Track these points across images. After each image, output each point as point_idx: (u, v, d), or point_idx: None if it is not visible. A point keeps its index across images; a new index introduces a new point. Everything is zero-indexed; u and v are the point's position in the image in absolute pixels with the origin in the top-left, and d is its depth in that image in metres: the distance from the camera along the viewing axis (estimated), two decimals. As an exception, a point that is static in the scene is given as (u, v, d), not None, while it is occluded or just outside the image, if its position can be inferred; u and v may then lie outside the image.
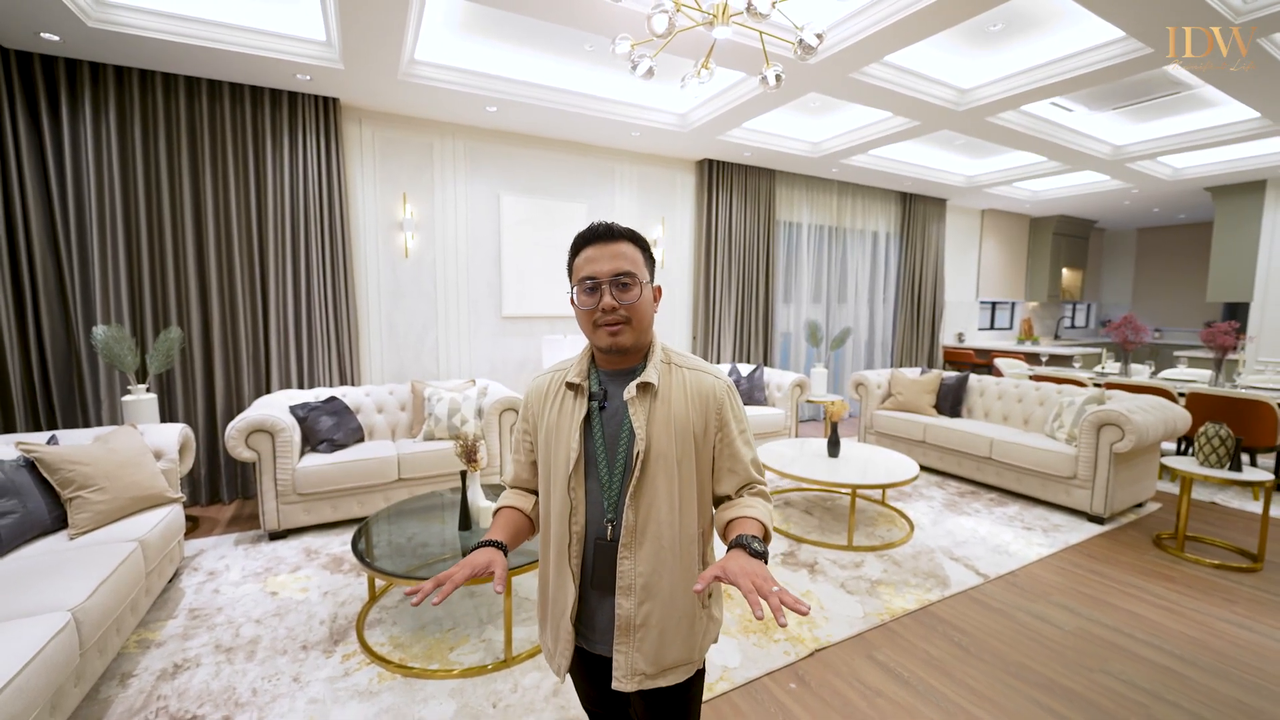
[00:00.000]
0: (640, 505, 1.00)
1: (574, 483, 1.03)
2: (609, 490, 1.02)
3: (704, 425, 1.04)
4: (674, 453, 1.01)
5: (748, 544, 0.89)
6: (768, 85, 2.63)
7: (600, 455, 1.03)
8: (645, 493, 1.00)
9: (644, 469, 1.00)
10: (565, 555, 1.04)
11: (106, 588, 1.95)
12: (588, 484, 1.04)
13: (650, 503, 1.01)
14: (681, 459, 1.02)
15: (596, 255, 1.00)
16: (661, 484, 1.01)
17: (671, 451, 1.01)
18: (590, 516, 1.04)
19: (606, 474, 1.02)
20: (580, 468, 1.03)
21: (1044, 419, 4.34)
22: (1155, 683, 2.12)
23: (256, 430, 3.16)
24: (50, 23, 2.94)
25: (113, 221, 3.51)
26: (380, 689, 2.03)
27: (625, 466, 1.01)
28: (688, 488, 1.03)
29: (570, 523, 1.04)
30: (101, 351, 3.23)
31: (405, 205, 4.47)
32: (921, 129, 4.77)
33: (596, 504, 1.03)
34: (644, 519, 1.01)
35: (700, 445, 1.04)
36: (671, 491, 1.01)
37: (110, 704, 1.95)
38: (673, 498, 1.01)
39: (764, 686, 2.09)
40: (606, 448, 1.03)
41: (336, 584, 2.79)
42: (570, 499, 1.03)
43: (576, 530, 1.04)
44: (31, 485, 2.24)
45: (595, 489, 1.03)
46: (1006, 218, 8.70)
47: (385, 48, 3.28)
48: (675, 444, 1.01)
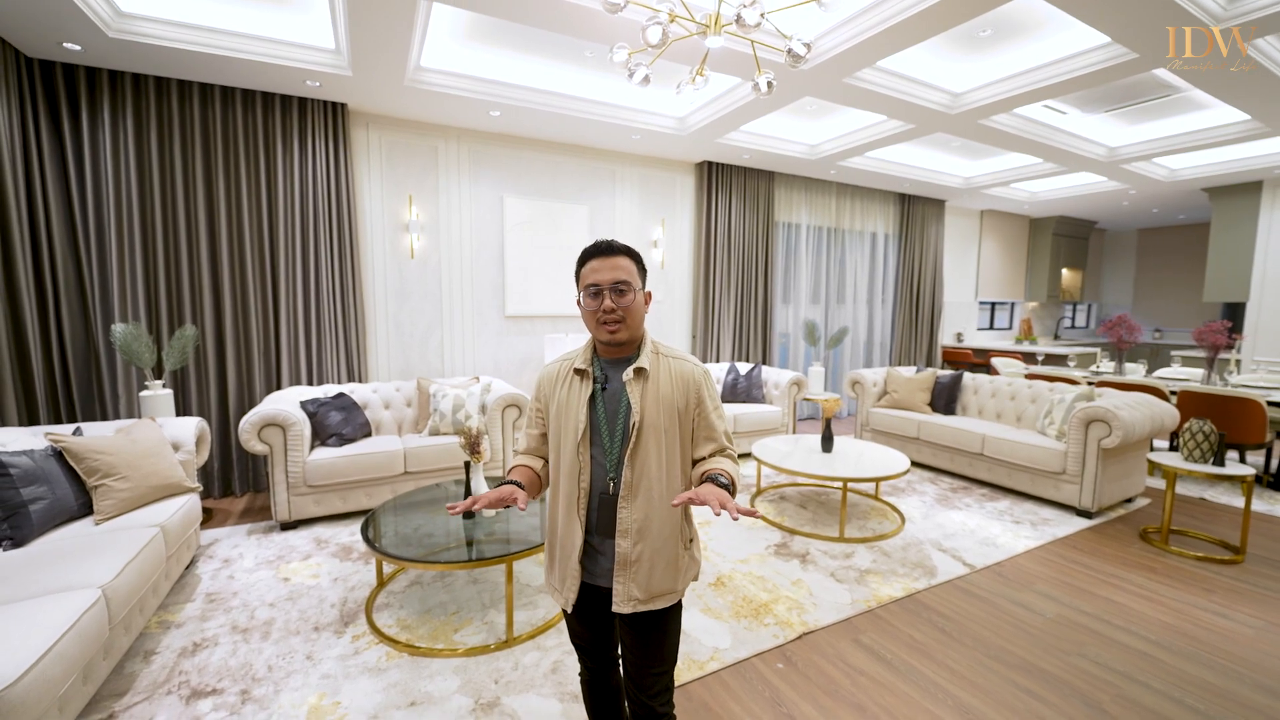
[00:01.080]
0: (635, 465, 1.25)
1: (582, 448, 1.27)
2: (610, 454, 1.27)
3: (685, 402, 1.30)
4: (662, 424, 1.26)
5: (715, 478, 1.18)
6: (760, 92, 2.73)
7: (603, 426, 1.28)
8: (639, 455, 1.25)
9: (638, 437, 1.25)
10: (574, 507, 1.28)
11: (132, 568, 2.07)
12: (592, 450, 1.29)
13: (643, 463, 1.25)
14: (668, 429, 1.27)
15: (599, 267, 1.26)
16: (652, 449, 1.25)
17: (660, 423, 1.26)
18: (595, 475, 1.29)
19: (609, 441, 1.27)
20: (586, 436, 1.28)
21: (1036, 416, 4.43)
22: (1129, 665, 2.22)
23: (269, 424, 3.28)
24: (73, 33, 3.07)
25: (130, 224, 3.65)
26: (388, 666, 2.15)
27: (623, 435, 1.26)
28: (673, 452, 1.28)
29: (579, 480, 1.28)
30: (120, 348, 3.36)
31: (411, 207, 4.59)
32: (916, 132, 4.86)
33: (600, 465, 1.28)
34: (638, 476, 1.25)
35: (682, 418, 1.30)
36: (660, 455, 1.26)
37: (135, 678, 2.07)
38: (660, 460, 1.26)
39: (753, 666, 2.19)
40: (608, 420, 1.28)
41: (346, 571, 2.91)
42: (579, 461, 1.27)
43: (584, 486, 1.28)
44: (59, 473, 2.37)
45: (599, 454, 1.28)
46: (1006, 218, 8.76)
47: (392, 55, 3.41)
48: (663, 416, 1.26)
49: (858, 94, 4.02)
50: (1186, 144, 5.21)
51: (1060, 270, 9.12)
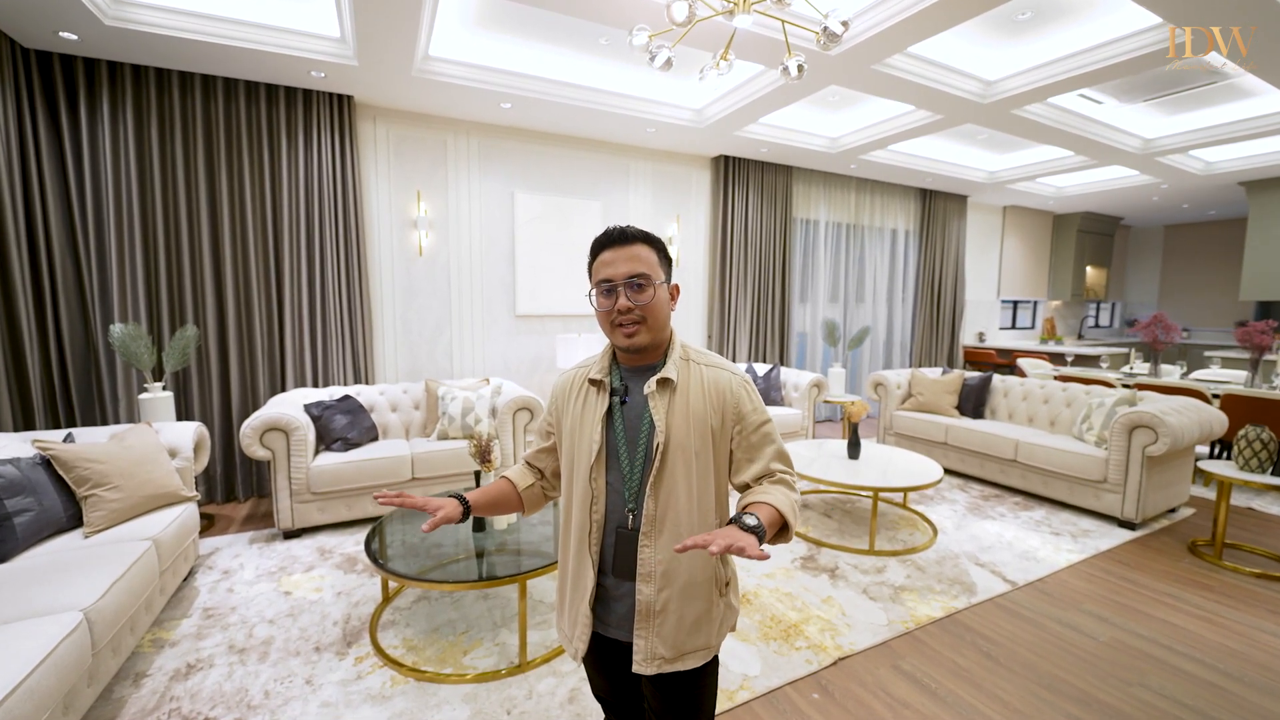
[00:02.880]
0: (660, 495, 1.04)
1: (595, 473, 1.07)
2: (630, 481, 1.06)
3: (721, 419, 1.08)
4: (692, 444, 1.05)
5: (739, 519, 0.93)
6: (789, 76, 2.55)
7: (621, 447, 1.07)
8: (665, 483, 1.04)
9: (663, 460, 1.04)
10: (586, 542, 1.09)
11: (120, 587, 1.93)
12: (609, 475, 1.08)
13: (669, 492, 1.04)
14: (699, 451, 1.06)
15: (613, 258, 1.05)
16: (680, 475, 1.04)
17: (690, 443, 1.05)
18: (611, 505, 1.08)
19: (628, 465, 1.07)
20: (602, 459, 1.08)
21: (1071, 421, 4.21)
22: (1198, 698, 2.02)
23: (271, 429, 3.15)
24: (69, 21, 2.94)
25: (130, 220, 3.52)
26: (393, 693, 2.00)
27: (645, 458, 1.06)
28: (705, 479, 1.07)
29: (591, 511, 1.08)
30: (119, 350, 3.23)
31: (419, 203, 4.45)
32: (944, 123, 4.65)
33: (617, 494, 1.08)
34: (663, 508, 1.04)
35: (718, 438, 1.08)
36: (690, 482, 1.05)
37: (124, 704, 1.93)
38: (690, 488, 1.05)
39: (786, 696, 2.02)
40: (627, 440, 1.07)
41: (350, 584, 2.77)
42: (592, 488, 1.07)
43: (597, 519, 1.08)
44: (48, 483, 2.23)
45: (616, 480, 1.08)
46: (1029, 214, 8.50)
47: (399, 43, 3.26)
48: (693, 436, 1.05)
49: (886, 82, 3.82)
50: (1228, 135, 4.97)
51: (1085, 268, 8.84)
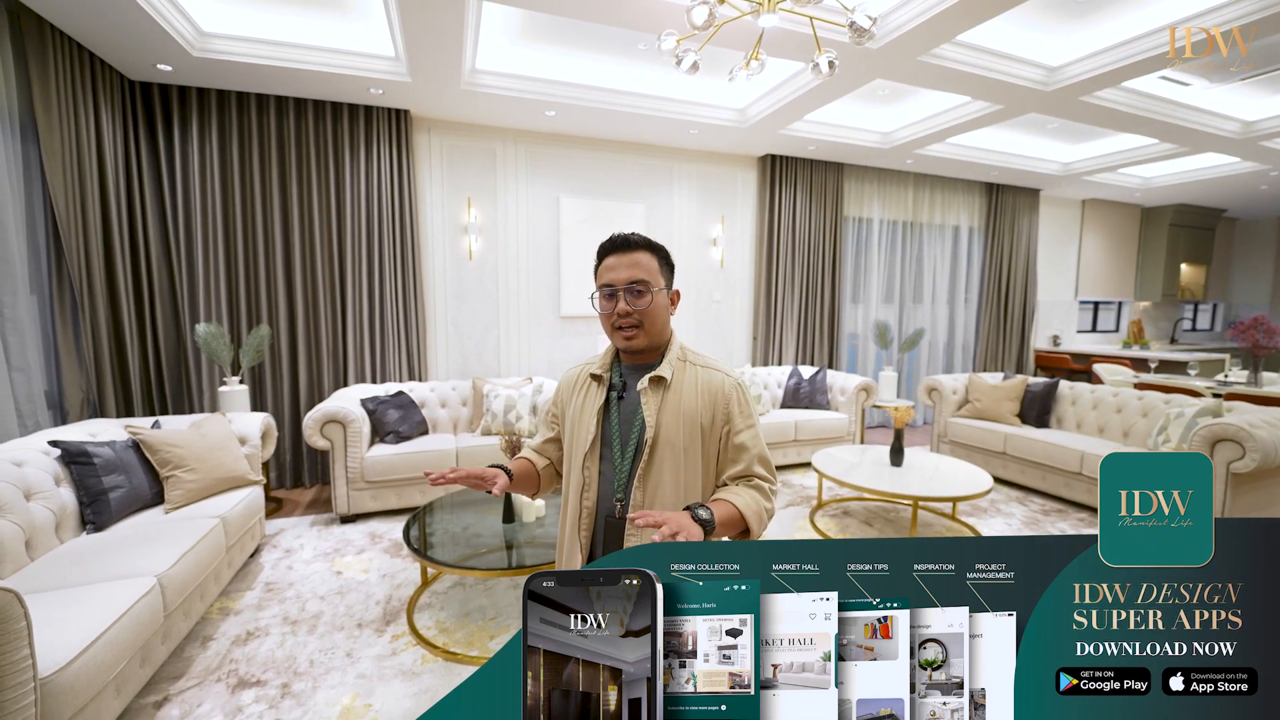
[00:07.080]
0: (648, 486, 1.11)
1: (589, 462, 1.15)
2: (620, 471, 1.13)
3: (711, 418, 1.13)
4: (680, 441, 1.11)
5: (693, 509, 1.00)
6: (820, 73, 2.51)
7: (615, 439, 1.15)
8: (652, 475, 1.11)
9: (652, 453, 1.11)
10: (577, 528, 1.15)
11: (190, 558, 2.16)
12: (601, 465, 1.15)
13: (656, 485, 1.10)
14: (688, 447, 1.11)
15: (615, 264, 1.13)
16: (668, 468, 1.10)
17: (678, 439, 1.11)
18: (601, 493, 1.15)
19: (619, 456, 1.13)
20: (595, 449, 1.15)
21: (1147, 432, 3.88)
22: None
23: (330, 421, 3.41)
24: (164, 55, 3.31)
25: (214, 229, 3.91)
26: (422, 670, 2.13)
27: (636, 450, 1.12)
28: (692, 474, 1.12)
29: (583, 498, 1.15)
30: (203, 347, 3.60)
31: (470, 209, 4.66)
32: (1005, 113, 4.40)
33: (608, 483, 1.14)
34: (650, 499, 1.10)
35: (707, 436, 1.13)
36: (677, 476, 1.11)
37: (191, 662, 2.16)
38: (678, 482, 1.11)
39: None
40: (621, 433, 1.14)
41: (394, 568, 2.95)
42: (584, 476, 1.14)
43: (588, 505, 1.15)
44: (136, 464, 2.53)
45: (608, 470, 1.14)
46: (1112, 208, 7.86)
47: (446, 58, 3.44)
48: (683, 433, 1.11)
49: (935, 73, 3.67)
50: (1347, 114, 4.42)
51: (1179, 265, 8.07)
